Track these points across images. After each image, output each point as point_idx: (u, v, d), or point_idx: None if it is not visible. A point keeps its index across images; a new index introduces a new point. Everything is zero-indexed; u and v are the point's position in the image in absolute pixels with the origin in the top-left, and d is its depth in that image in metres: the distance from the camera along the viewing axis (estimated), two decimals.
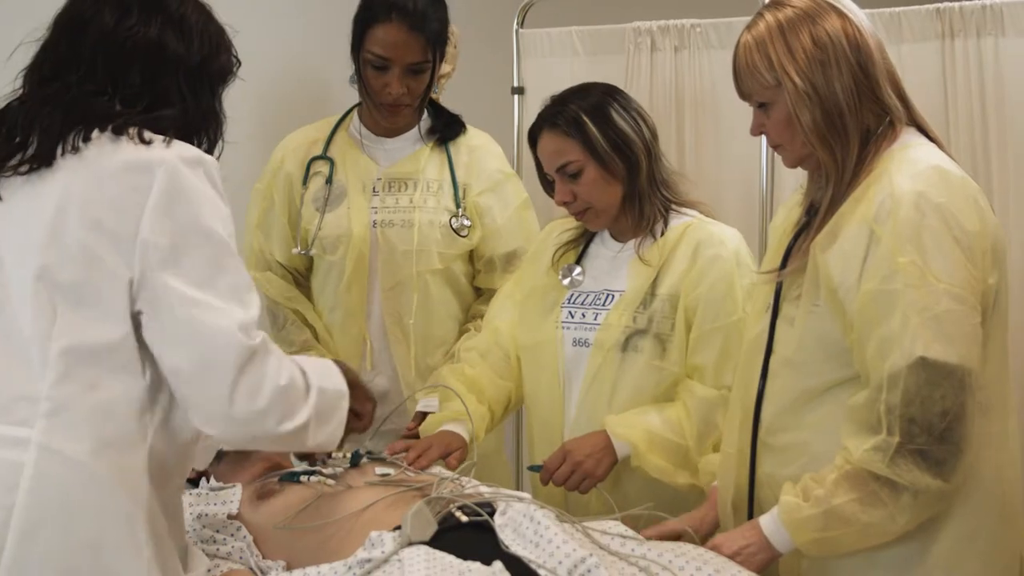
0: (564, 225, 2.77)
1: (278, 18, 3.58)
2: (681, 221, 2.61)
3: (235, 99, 3.26)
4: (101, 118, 1.84)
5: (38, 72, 1.92)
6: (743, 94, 2.18)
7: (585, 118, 2.54)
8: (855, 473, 1.99)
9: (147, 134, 1.84)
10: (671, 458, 2.49)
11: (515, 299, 2.81)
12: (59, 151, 1.83)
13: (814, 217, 2.14)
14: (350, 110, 3.10)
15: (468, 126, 3.08)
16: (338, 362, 2.10)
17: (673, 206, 2.63)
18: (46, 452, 1.76)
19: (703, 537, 2.24)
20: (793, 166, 2.20)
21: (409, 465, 2.46)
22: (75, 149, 1.82)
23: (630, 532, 2.12)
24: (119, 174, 1.80)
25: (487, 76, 3.56)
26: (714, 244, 2.56)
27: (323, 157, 3.02)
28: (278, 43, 3.59)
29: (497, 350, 2.77)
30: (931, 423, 1.93)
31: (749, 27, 2.14)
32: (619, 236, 2.66)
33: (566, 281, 2.69)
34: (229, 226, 1.85)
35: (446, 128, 3.04)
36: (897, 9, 3.06)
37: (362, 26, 2.86)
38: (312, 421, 1.92)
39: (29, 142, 1.85)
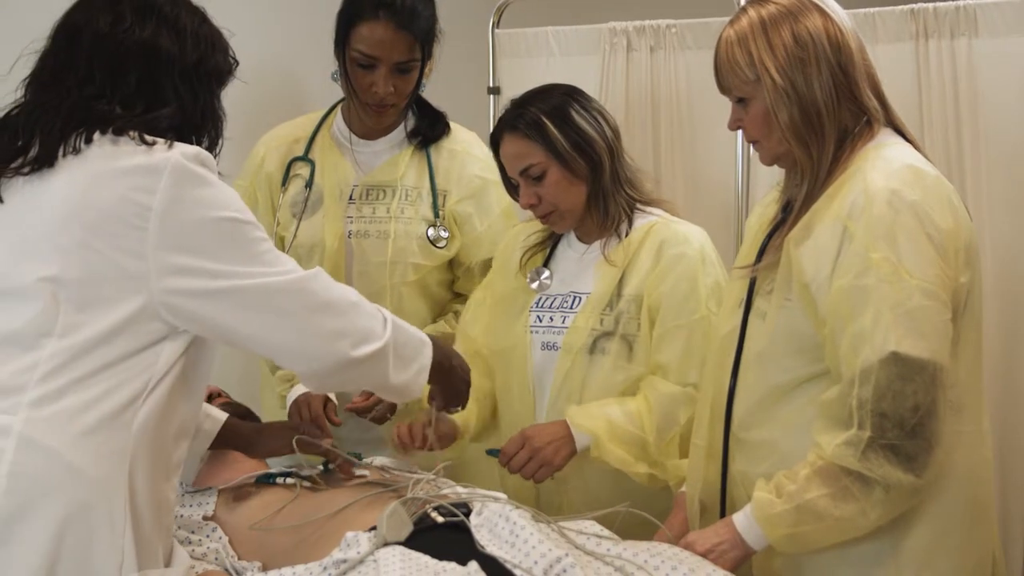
0: (530, 228, 2.77)
1: (257, 12, 3.57)
2: (646, 221, 2.62)
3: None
4: (101, 120, 1.87)
5: (38, 79, 1.95)
6: (723, 88, 2.19)
7: (545, 120, 2.55)
8: (827, 468, 2.00)
9: (148, 137, 1.86)
10: (631, 449, 2.50)
11: (486, 304, 2.81)
12: (60, 152, 1.85)
13: (789, 214, 2.15)
14: (333, 107, 3.04)
15: (454, 125, 3.02)
16: (432, 337, 2.18)
17: (638, 205, 2.63)
18: (25, 441, 1.77)
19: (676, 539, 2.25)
20: (770, 163, 2.21)
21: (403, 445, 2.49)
22: (76, 150, 1.85)
23: (605, 532, 2.12)
24: (122, 176, 1.82)
25: (463, 76, 3.55)
26: (678, 243, 2.56)
27: (304, 159, 2.98)
28: (258, 38, 3.58)
29: (477, 358, 2.74)
30: (902, 418, 1.94)
31: (732, 22, 2.15)
32: (584, 237, 2.67)
33: (534, 285, 2.69)
34: (240, 203, 1.91)
35: (430, 128, 2.98)
36: (872, 10, 3.07)
37: (347, 23, 2.79)
38: (391, 351, 2.00)
39: (31, 145, 1.87)
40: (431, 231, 2.93)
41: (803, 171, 2.13)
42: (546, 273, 2.69)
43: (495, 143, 2.64)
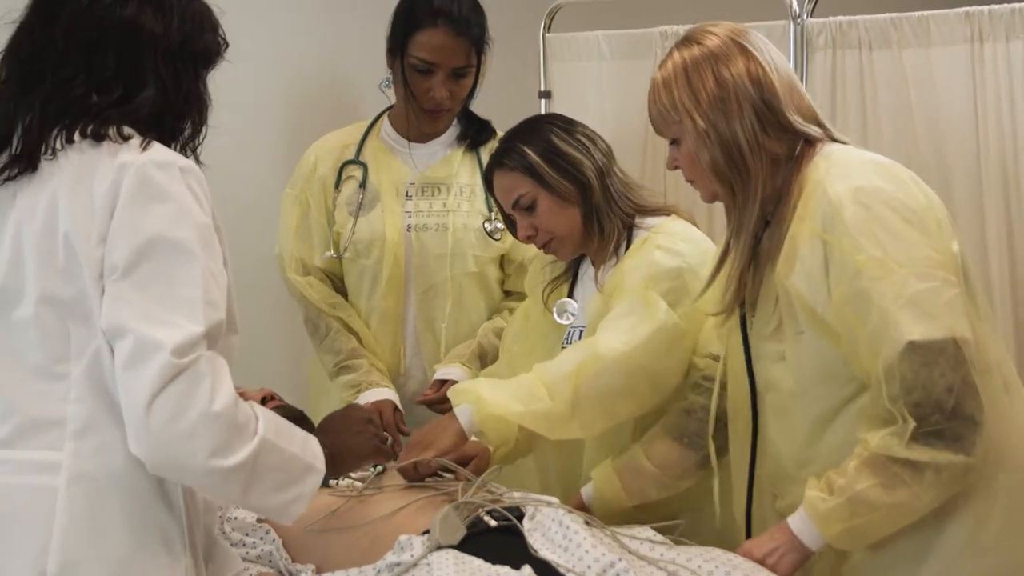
0: (545, 259, 2.76)
1: (306, 22, 3.60)
2: (641, 236, 2.57)
3: (262, 102, 3.29)
4: (80, 114, 1.78)
5: (15, 55, 1.84)
6: (657, 130, 2.23)
7: (527, 149, 2.56)
8: (874, 459, 1.99)
9: (127, 130, 1.78)
10: (519, 393, 2.40)
11: (525, 333, 2.79)
12: (42, 151, 1.77)
13: (730, 250, 2.18)
14: (380, 115, 3.10)
15: (499, 132, 3.06)
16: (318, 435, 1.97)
17: (637, 219, 2.60)
18: (77, 474, 1.73)
19: None
20: (709, 201, 2.24)
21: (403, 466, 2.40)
22: (56, 152, 1.77)
23: (659, 537, 2.12)
24: (96, 184, 1.73)
25: (514, 80, 3.56)
26: (656, 231, 2.54)
27: (356, 161, 3.03)
28: (307, 47, 3.61)
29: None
30: (940, 401, 1.93)
31: (661, 64, 2.20)
32: (596, 261, 2.66)
33: (562, 320, 2.67)
34: (205, 232, 1.74)
35: (477, 133, 3.05)
36: (925, 13, 3.05)
37: (405, 31, 2.87)
38: (250, 471, 1.72)
39: (10, 139, 1.80)
40: (487, 224, 2.99)
41: (727, 208, 2.18)
42: (573, 305, 2.67)
43: (488, 185, 2.68)
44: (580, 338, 2.61)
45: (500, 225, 2.96)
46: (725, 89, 2.11)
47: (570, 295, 2.70)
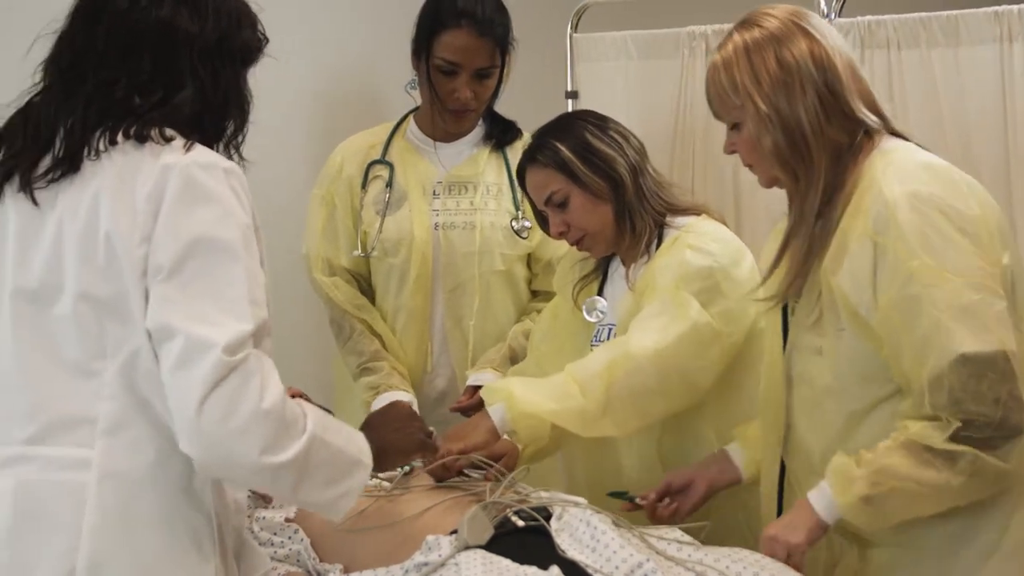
0: (575, 257, 2.77)
1: (337, 25, 3.61)
2: (672, 235, 2.57)
3: (292, 104, 3.30)
4: (122, 116, 1.80)
5: (56, 64, 1.87)
6: (715, 114, 2.20)
7: (560, 146, 2.56)
8: (910, 443, 1.98)
9: (168, 131, 1.80)
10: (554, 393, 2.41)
11: (554, 331, 2.80)
12: (84, 153, 1.79)
13: (791, 238, 2.15)
14: (405, 116, 3.12)
15: (524, 132, 3.08)
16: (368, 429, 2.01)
17: (668, 218, 2.60)
18: (107, 471, 1.74)
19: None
20: (767, 186, 2.21)
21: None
22: (99, 153, 1.78)
23: (686, 537, 2.11)
24: (139, 185, 1.75)
25: (541, 80, 3.57)
26: (686, 230, 2.54)
27: (382, 161, 3.04)
28: (339, 49, 3.62)
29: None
30: (988, 414, 1.92)
31: (720, 47, 2.16)
32: (626, 260, 2.66)
33: (591, 318, 2.67)
34: (247, 232, 1.77)
35: (503, 134, 3.06)
36: (954, 12, 3.04)
37: (429, 32, 2.89)
38: (301, 467, 1.74)
39: (53, 142, 1.81)
40: (515, 222, 2.99)
41: (790, 195, 2.14)
42: (603, 303, 2.68)
43: (521, 180, 2.67)
44: (610, 336, 2.62)
45: (527, 223, 2.97)
46: (788, 71, 2.07)
47: (599, 293, 2.70)
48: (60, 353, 1.78)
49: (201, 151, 1.79)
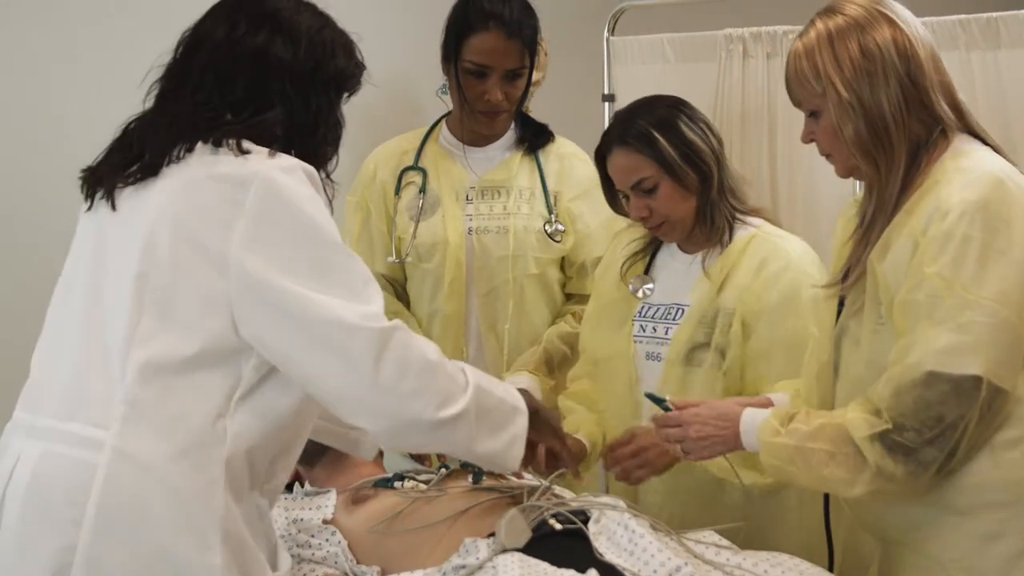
0: (631, 235, 2.76)
1: (366, 31, 3.61)
2: (746, 232, 2.58)
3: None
4: (205, 129, 1.88)
5: (160, 91, 1.98)
6: (794, 102, 2.17)
7: (656, 133, 2.53)
8: (838, 429, 2.00)
9: (246, 144, 1.87)
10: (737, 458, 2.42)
11: (600, 299, 2.80)
12: (165, 162, 1.87)
13: (865, 228, 2.11)
14: (437, 121, 3.13)
15: (556, 136, 3.09)
16: (522, 390, 2.10)
17: (738, 215, 2.61)
18: (119, 456, 1.77)
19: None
20: (845, 176, 2.18)
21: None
22: (178, 159, 1.86)
23: (724, 541, 2.11)
24: (212, 185, 1.83)
25: (578, 83, 3.57)
26: (779, 258, 2.52)
27: (415, 167, 3.05)
28: (368, 57, 3.62)
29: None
30: (923, 425, 1.92)
31: (801, 34, 2.13)
32: (688, 247, 2.65)
33: (638, 294, 2.67)
34: (331, 226, 1.87)
35: (535, 137, 3.06)
36: (995, 14, 3.02)
37: (458, 36, 2.90)
38: (473, 416, 1.88)
39: (142, 155, 1.89)
40: (548, 226, 2.99)
41: (870, 185, 2.11)
42: (650, 283, 2.68)
43: (601, 156, 2.63)
44: (654, 316, 2.63)
45: (561, 227, 2.97)
46: (871, 59, 2.04)
47: (646, 272, 2.70)
48: (106, 335, 1.84)
49: (283, 156, 1.87)
